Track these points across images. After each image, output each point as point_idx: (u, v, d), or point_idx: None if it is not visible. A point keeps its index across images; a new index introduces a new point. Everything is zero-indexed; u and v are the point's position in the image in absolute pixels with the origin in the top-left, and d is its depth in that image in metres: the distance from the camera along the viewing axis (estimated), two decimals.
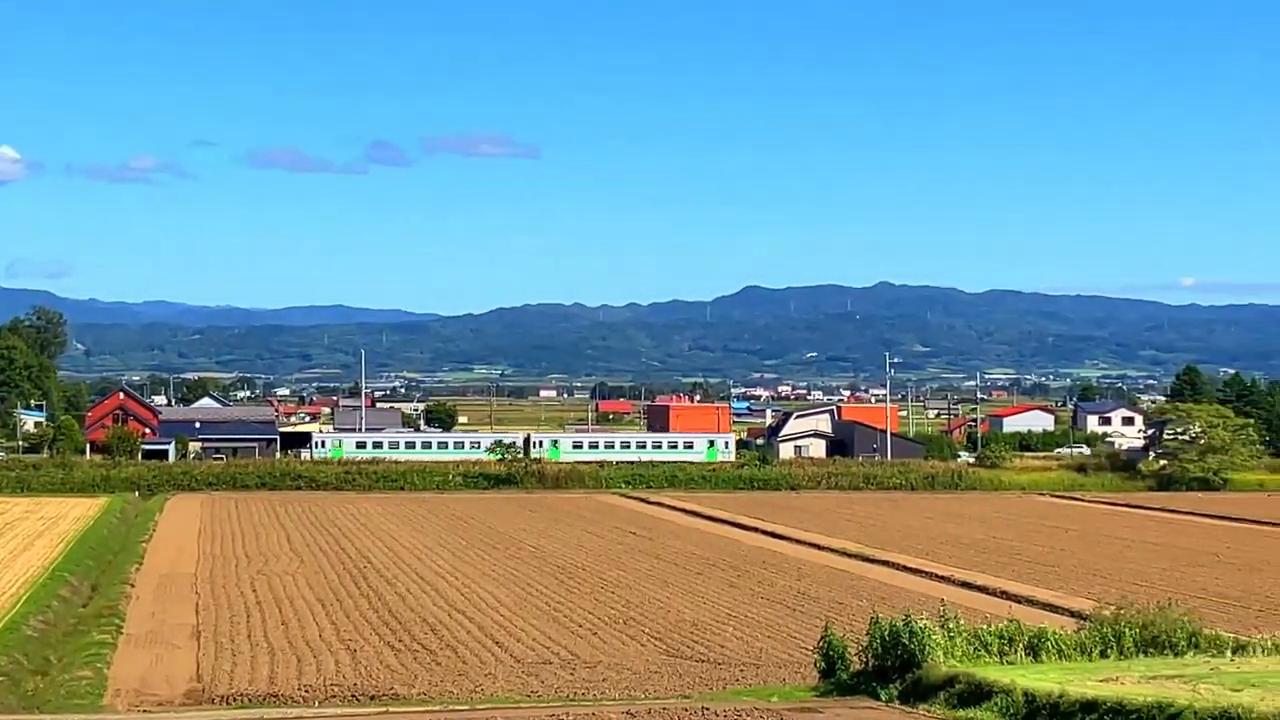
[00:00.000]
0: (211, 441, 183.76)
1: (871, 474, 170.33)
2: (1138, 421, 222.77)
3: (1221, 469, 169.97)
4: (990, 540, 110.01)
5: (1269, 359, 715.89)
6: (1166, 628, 48.40)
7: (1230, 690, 36.45)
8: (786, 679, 53.76)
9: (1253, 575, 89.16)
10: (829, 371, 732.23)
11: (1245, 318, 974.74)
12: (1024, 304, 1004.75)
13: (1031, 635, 47.95)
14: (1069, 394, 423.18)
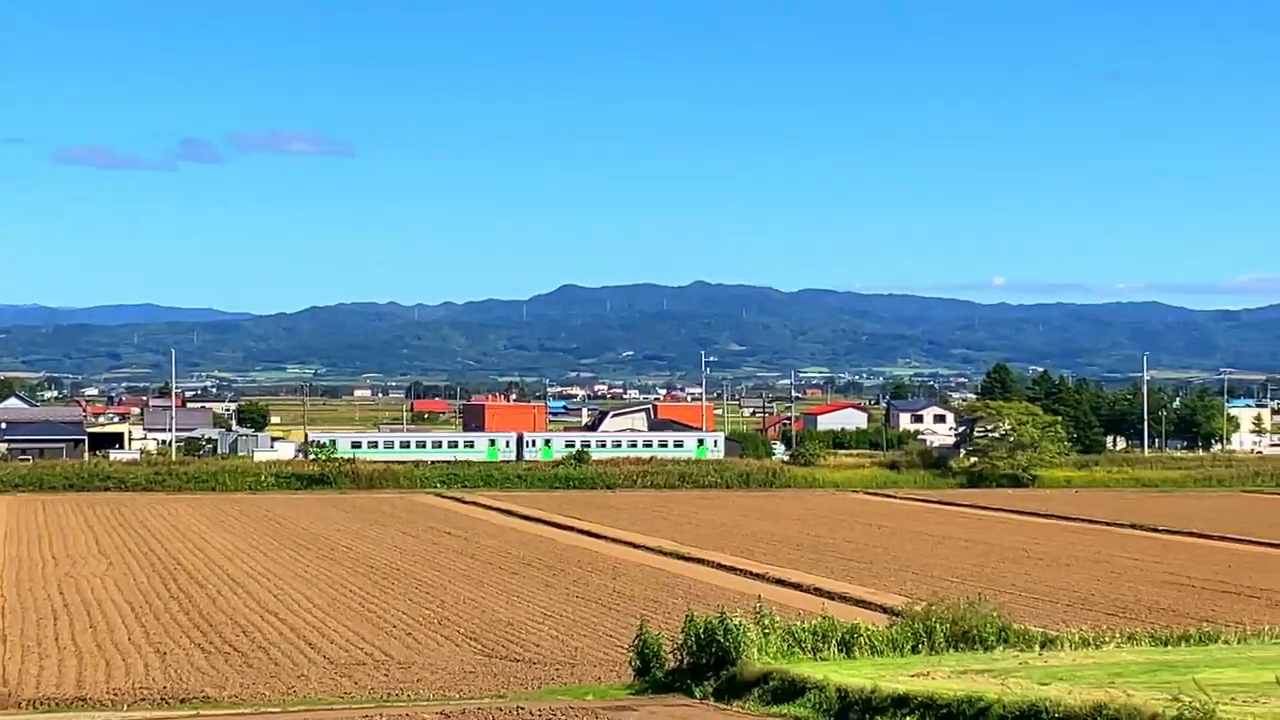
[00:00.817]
0: (17, 442, 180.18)
1: (687, 472, 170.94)
2: (949, 419, 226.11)
3: (1030, 466, 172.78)
4: (805, 537, 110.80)
5: (1076, 357, 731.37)
6: (977, 623, 48.84)
7: (1038, 684, 36.85)
8: (602, 678, 53.61)
9: (1061, 570, 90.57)
10: (645, 370, 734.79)
11: (1054, 317, 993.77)
12: (838, 303, 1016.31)
13: (845, 631, 48.16)
14: (882, 392, 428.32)
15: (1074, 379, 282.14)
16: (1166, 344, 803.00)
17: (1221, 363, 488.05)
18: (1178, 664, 41.43)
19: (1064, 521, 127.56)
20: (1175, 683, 33.88)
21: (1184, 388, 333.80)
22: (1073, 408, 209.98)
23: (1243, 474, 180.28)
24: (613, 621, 67.90)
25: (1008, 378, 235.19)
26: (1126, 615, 68.58)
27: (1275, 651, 45.66)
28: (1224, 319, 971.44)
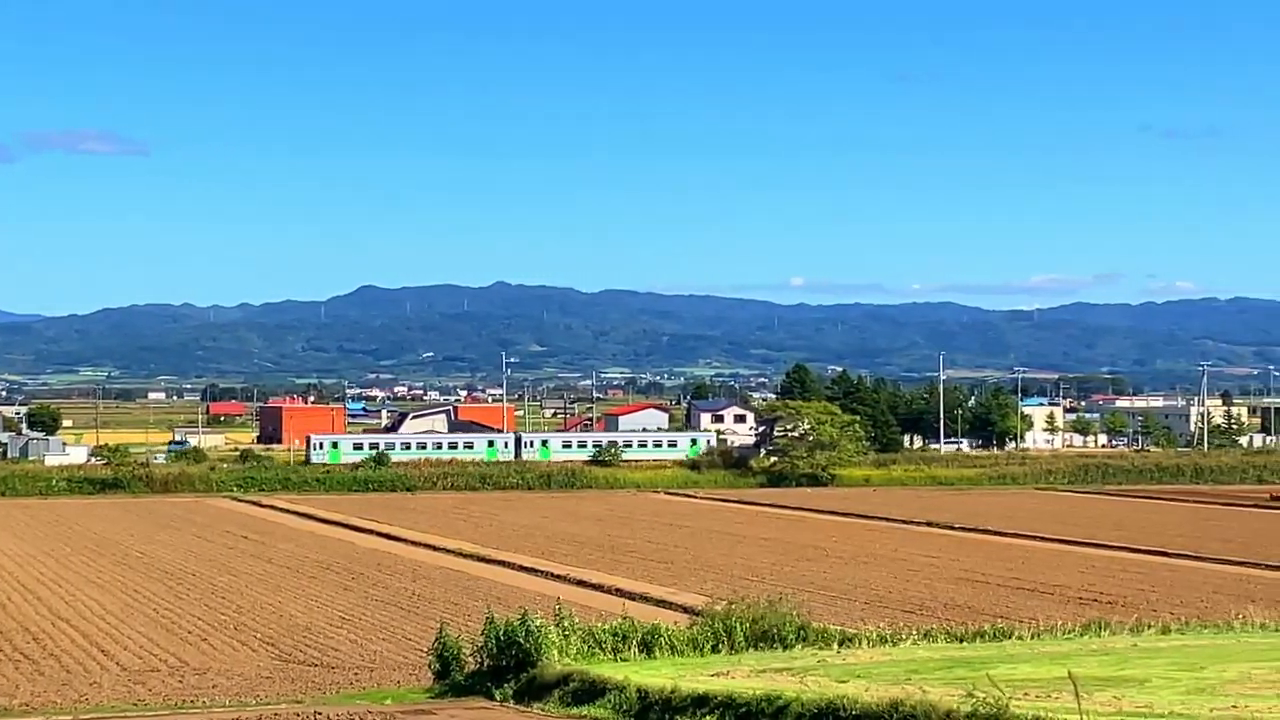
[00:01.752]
0: None
1: (488, 473, 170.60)
2: (750, 419, 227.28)
3: (829, 465, 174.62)
4: (605, 538, 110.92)
5: (874, 357, 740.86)
6: (776, 622, 49.09)
7: (836, 682, 37.08)
8: (401, 681, 53.18)
9: (859, 569, 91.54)
10: (446, 372, 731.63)
11: (852, 317, 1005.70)
12: (639, 303, 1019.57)
13: (645, 632, 48.18)
14: (683, 392, 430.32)
15: (872, 378, 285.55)
16: (962, 344, 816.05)
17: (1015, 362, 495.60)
18: (973, 660, 41.95)
19: (862, 520, 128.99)
20: (970, 679, 34.25)
21: (979, 387, 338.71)
22: (871, 407, 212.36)
23: (1036, 472, 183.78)
24: (412, 625, 67.41)
25: (807, 377, 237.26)
26: (923, 612, 69.45)
27: (1067, 647, 46.44)
28: (1017, 319, 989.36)
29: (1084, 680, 31.94)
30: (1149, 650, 44.29)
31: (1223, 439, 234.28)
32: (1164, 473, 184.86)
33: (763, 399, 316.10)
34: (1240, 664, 38.04)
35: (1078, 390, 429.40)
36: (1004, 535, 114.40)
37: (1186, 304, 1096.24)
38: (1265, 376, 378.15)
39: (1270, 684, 33.20)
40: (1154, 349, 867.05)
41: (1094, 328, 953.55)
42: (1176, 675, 36.15)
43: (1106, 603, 72.51)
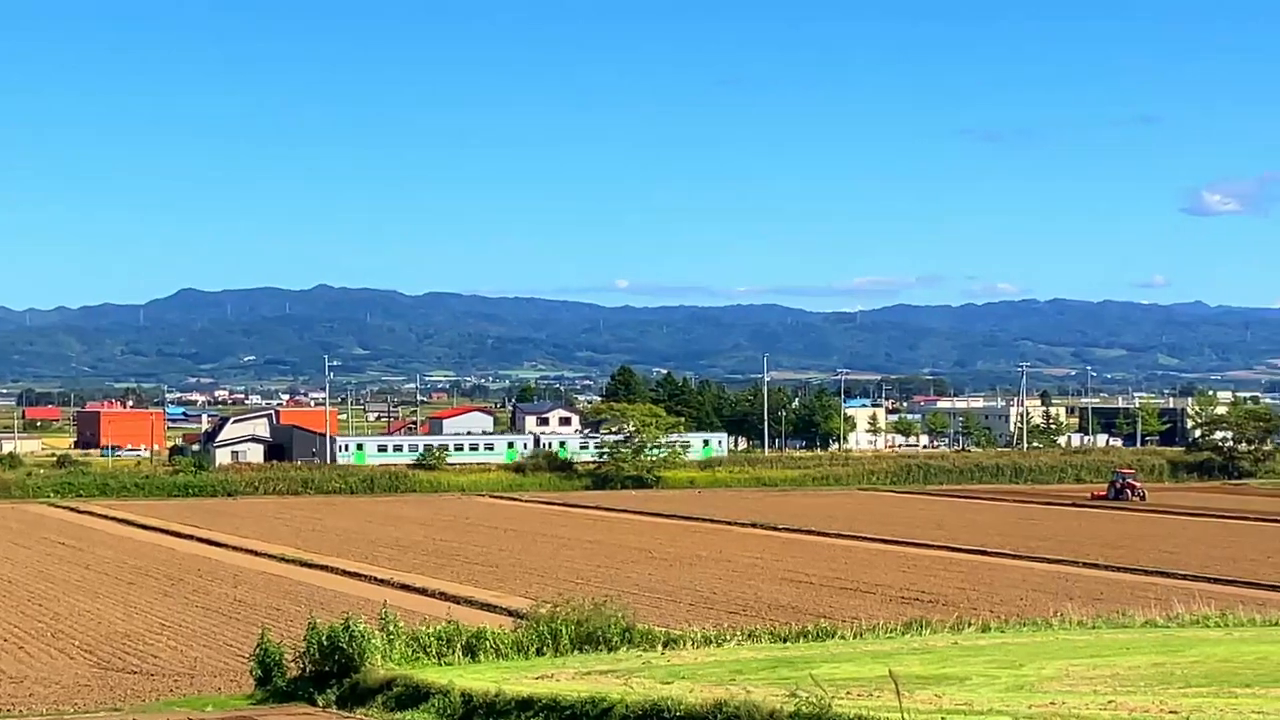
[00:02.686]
0: None
1: (310, 478, 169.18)
2: (575, 421, 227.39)
3: (655, 467, 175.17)
4: (430, 542, 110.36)
5: (699, 359, 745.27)
6: (601, 624, 49.04)
7: (661, 683, 37.08)
8: (222, 688, 52.46)
9: (684, 570, 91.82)
10: (268, 375, 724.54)
11: (676, 319, 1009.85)
12: (463, 306, 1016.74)
13: (470, 635, 47.92)
14: (508, 395, 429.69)
15: (697, 380, 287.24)
16: (786, 346, 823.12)
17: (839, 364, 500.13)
18: (796, 660, 42.16)
19: (687, 521, 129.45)
20: (793, 678, 34.39)
21: (803, 388, 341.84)
22: (696, 409, 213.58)
23: (859, 472, 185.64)
24: (234, 631, 66.54)
25: (632, 379, 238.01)
26: (747, 613, 69.79)
27: (889, 645, 46.85)
28: (841, 321, 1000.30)
29: (905, 678, 32.19)
30: (969, 648, 44.80)
31: (1041, 439, 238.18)
32: (984, 472, 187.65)
33: (588, 401, 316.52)
34: (1059, 661, 38.59)
35: (900, 391, 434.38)
36: (827, 536, 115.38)
37: (1006, 305, 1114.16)
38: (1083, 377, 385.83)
39: (1087, 680, 33.69)
40: (975, 350, 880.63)
41: (916, 329, 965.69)
42: (996, 673, 36.57)
43: (928, 601, 73.34)
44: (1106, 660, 38.40)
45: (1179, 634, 48.11)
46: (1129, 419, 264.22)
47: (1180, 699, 28.22)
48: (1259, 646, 41.08)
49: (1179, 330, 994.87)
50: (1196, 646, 41.74)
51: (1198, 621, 52.65)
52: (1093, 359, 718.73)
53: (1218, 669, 34.73)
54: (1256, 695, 28.45)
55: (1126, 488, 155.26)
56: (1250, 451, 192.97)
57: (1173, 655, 39.00)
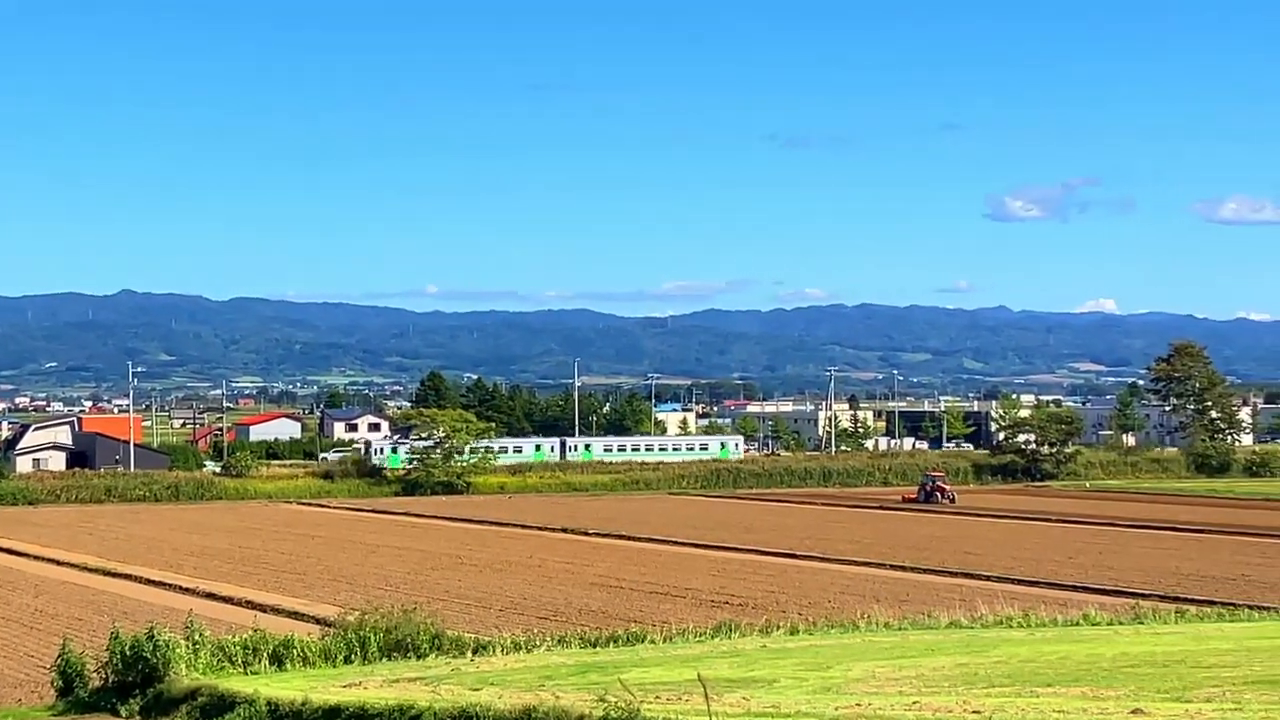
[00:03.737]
0: None
1: (114, 486, 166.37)
2: (384, 427, 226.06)
3: (465, 472, 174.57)
4: (236, 550, 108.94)
5: (510, 364, 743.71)
6: (410, 631, 48.76)
7: (470, 690, 36.91)
8: (23, 699, 51.29)
9: (494, 576, 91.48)
10: (70, 382, 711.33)
11: (487, 324, 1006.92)
12: (271, 311, 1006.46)
13: (277, 644, 47.42)
14: (317, 401, 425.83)
15: (508, 386, 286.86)
16: (597, 350, 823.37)
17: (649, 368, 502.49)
18: (606, 665, 42.15)
19: (497, 527, 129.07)
20: (603, 683, 34.38)
21: (614, 393, 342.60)
22: (507, 414, 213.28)
23: (669, 476, 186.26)
24: (35, 641, 65.15)
25: (442, 385, 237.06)
26: (558, 618, 69.64)
27: (699, 649, 47.02)
28: (651, 326, 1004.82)
29: (714, 682, 32.28)
30: (778, 651, 45.06)
31: (850, 442, 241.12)
32: (793, 476, 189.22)
33: (398, 407, 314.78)
34: (865, 662, 38.94)
35: (710, 395, 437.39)
36: (638, 540, 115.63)
37: (815, 310, 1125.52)
38: (890, 381, 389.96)
39: (893, 681, 34.01)
40: (784, 354, 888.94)
41: (726, 334, 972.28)
42: (804, 675, 36.81)
43: (737, 605, 73.69)
44: (912, 661, 38.80)
45: (983, 635, 48.79)
46: (935, 422, 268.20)
47: (984, 699, 28.58)
48: (1060, 646, 41.77)
49: (983, 335, 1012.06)
50: (1000, 647, 42.34)
51: (1001, 622, 53.43)
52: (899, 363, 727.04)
53: (1020, 669, 35.25)
54: (1058, 694, 28.89)
55: (937, 490, 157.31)
56: (1052, 454, 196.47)
57: (977, 656, 39.52)
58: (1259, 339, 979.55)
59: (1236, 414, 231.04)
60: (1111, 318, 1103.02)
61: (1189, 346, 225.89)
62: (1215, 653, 36.83)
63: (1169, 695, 27.34)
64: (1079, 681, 30.83)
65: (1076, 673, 33.01)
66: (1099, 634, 47.63)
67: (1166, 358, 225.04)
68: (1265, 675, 29.49)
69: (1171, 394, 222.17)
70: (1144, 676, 31.24)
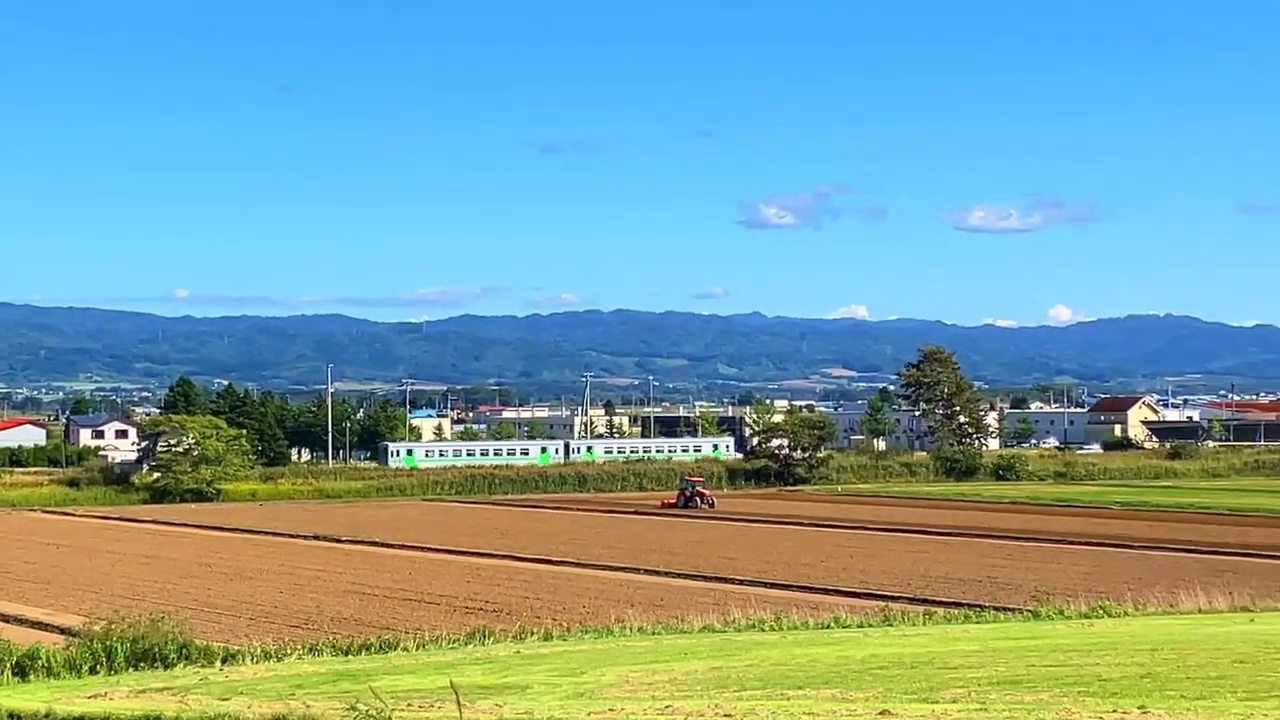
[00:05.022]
0: None
1: None
2: (132, 434, 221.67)
3: (215, 479, 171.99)
4: None
5: (262, 370, 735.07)
6: (158, 640, 47.78)
7: (219, 700, 36.28)
8: None
9: (244, 584, 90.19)
10: None
11: (239, 329, 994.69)
12: (15, 316, 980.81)
13: (21, 655, 46.21)
14: (62, 407, 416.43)
15: (259, 392, 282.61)
16: (351, 356, 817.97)
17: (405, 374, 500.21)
18: (358, 673, 41.70)
19: (248, 535, 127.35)
20: (354, 691, 34.01)
21: (368, 399, 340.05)
22: (258, 420, 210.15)
23: (424, 483, 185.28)
24: None
25: (192, 391, 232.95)
26: (309, 626, 68.85)
27: (452, 656, 46.72)
28: (407, 331, 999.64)
29: (467, 688, 32.12)
30: (532, 657, 44.95)
31: None
32: (549, 482, 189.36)
33: (146, 414, 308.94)
34: (619, 667, 38.97)
35: (466, 401, 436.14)
36: (392, 547, 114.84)
37: (571, 316, 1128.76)
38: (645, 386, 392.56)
39: (646, 686, 34.07)
40: (540, 360, 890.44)
41: (482, 339, 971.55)
42: (558, 680, 36.73)
43: (492, 611, 73.51)
44: (665, 665, 38.92)
45: (736, 638, 49.13)
46: (690, 427, 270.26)
47: (735, 702, 28.73)
48: (811, 649, 42.21)
49: (738, 340, 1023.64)
50: (752, 650, 42.66)
51: (754, 626, 53.84)
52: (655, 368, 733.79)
53: (772, 672, 35.51)
54: (808, 697, 29.15)
55: (696, 495, 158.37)
56: (805, 458, 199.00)
57: (729, 659, 39.76)
58: (1005, 345, 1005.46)
59: (983, 419, 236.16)
60: (863, 324, 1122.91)
61: (937, 352, 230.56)
62: (961, 654, 37.46)
63: (916, 696, 27.72)
64: (829, 683, 31.14)
65: (827, 675, 33.34)
66: (849, 636, 48.23)
67: (916, 363, 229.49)
68: (1009, 675, 30.04)
69: (921, 399, 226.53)
70: (892, 678, 31.65)
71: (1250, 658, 30.86)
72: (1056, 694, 26.05)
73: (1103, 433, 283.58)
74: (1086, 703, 24.36)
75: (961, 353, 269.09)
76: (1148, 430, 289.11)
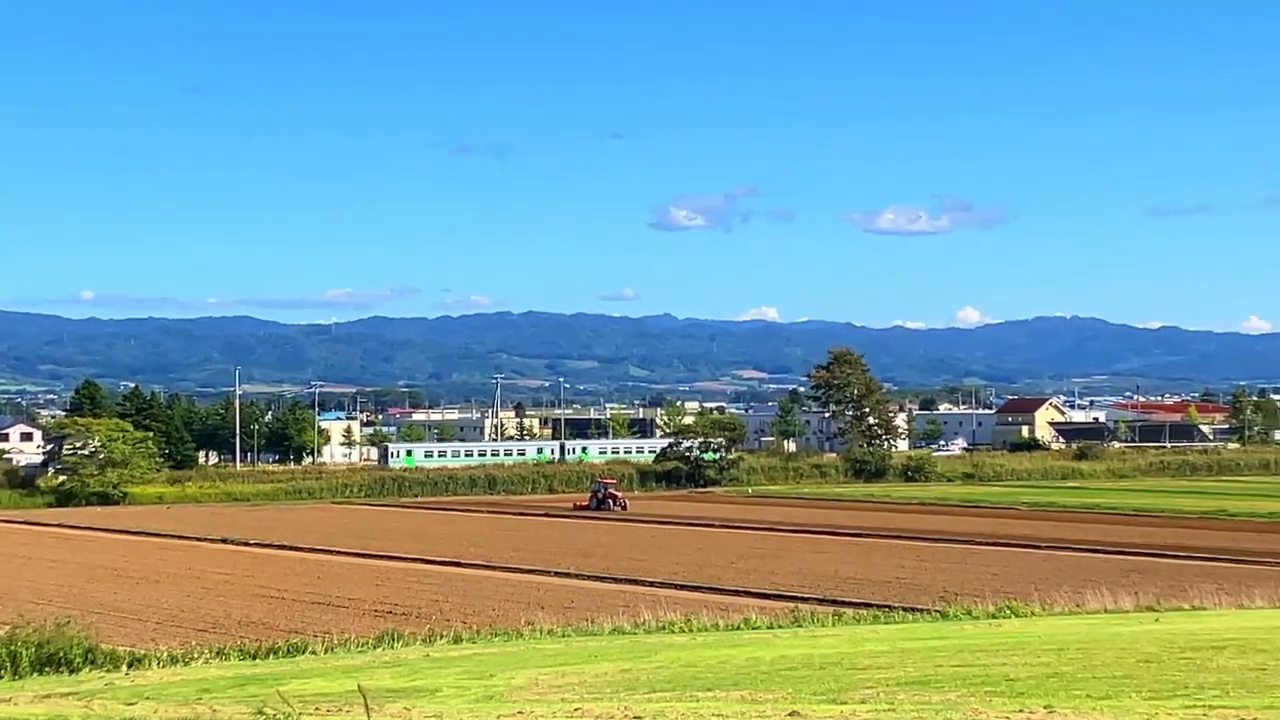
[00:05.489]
0: None
1: None
2: (37, 437, 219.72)
3: (122, 482, 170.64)
4: None
5: (169, 372, 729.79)
6: (63, 645, 47.29)
7: (124, 705, 35.93)
8: None
9: (151, 588, 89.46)
10: None
11: (145, 332, 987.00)
12: None
13: None
14: None
15: (166, 394, 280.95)
16: (260, 358, 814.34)
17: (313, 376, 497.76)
18: (265, 677, 41.41)
19: (155, 538, 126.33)
20: (262, 695, 33.78)
21: (276, 401, 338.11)
22: (165, 423, 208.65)
23: (334, 485, 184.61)
24: None
25: (98, 394, 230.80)
26: (217, 630, 68.38)
27: (361, 660, 46.46)
28: (315, 333, 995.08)
29: (376, 692, 31.95)
30: (441, 660, 44.76)
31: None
32: (459, 484, 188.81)
33: (52, 416, 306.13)
34: (529, 670, 38.87)
35: (375, 404, 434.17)
36: (301, 550, 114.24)
37: (482, 318, 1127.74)
38: (556, 388, 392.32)
39: (556, 688, 34.01)
40: (450, 362, 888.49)
41: (392, 341, 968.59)
42: (467, 684, 36.59)
43: (401, 614, 73.18)
44: (575, 668, 38.86)
45: (645, 640, 49.12)
46: (601, 429, 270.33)
47: (645, 704, 28.70)
48: (721, 650, 42.24)
49: (649, 342, 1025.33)
50: (662, 652, 42.65)
51: (664, 628, 53.85)
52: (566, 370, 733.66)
53: (681, 673, 35.52)
54: (717, 698, 29.16)
55: (609, 498, 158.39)
56: (716, 460, 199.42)
57: (639, 661, 39.74)
58: (914, 347, 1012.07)
59: (893, 420, 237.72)
60: (773, 326, 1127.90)
61: (847, 354, 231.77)
62: (870, 654, 37.58)
63: (825, 697, 27.78)
64: (738, 685, 31.16)
65: (736, 676, 33.37)
66: (759, 638, 48.30)
67: (826, 365, 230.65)
68: (917, 676, 30.16)
69: (831, 401, 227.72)
70: (801, 679, 31.71)
71: (1155, 657, 31.10)
72: (964, 694, 26.16)
73: (1010, 434, 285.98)
74: (994, 702, 24.47)
75: (871, 354, 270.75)
76: (1055, 431, 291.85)
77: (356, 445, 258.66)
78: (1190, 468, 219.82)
